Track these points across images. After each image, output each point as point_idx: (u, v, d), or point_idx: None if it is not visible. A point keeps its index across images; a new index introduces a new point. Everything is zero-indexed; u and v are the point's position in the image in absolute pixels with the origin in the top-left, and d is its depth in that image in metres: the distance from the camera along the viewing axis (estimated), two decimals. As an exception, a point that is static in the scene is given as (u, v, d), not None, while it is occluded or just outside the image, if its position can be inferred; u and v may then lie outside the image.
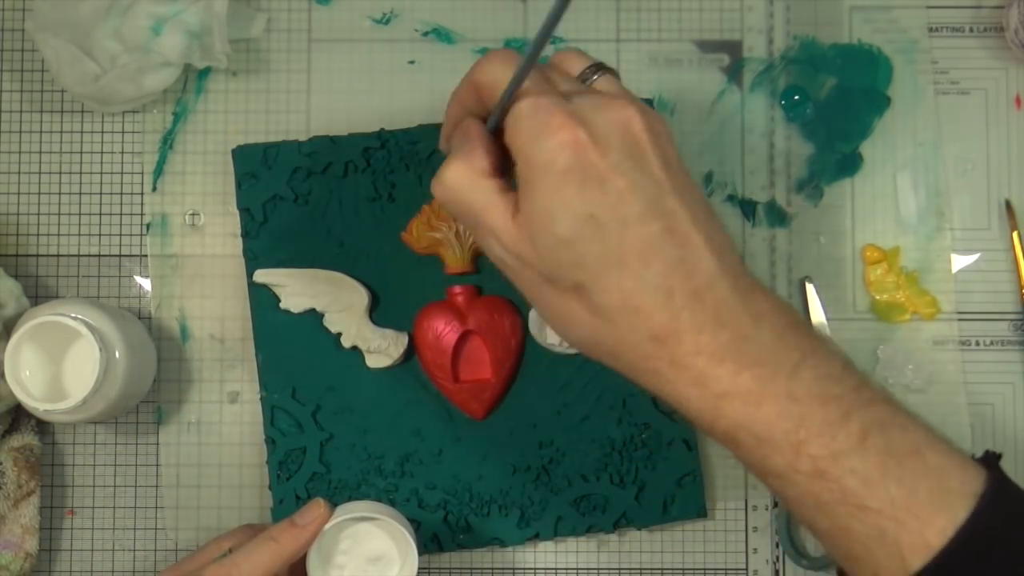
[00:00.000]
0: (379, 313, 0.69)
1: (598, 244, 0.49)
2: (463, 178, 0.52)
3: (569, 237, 0.50)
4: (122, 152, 0.72)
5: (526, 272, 0.52)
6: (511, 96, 0.51)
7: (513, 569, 0.70)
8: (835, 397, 0.49)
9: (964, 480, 0.49)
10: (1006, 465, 0.71)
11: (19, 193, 0.71)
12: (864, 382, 0.51)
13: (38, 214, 0.71)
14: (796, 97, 0.71)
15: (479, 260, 0.69)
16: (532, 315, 0.69)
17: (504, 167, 0.53)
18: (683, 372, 0.50)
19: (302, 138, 0.70)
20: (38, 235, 0.71)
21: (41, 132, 0.72)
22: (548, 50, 0.70)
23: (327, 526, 0.61)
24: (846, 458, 0.49)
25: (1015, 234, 0.71)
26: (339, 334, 0.69)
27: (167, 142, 0.71)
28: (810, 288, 0.71)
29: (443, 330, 0.68)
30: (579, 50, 0.55)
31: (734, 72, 0.72)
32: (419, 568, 0.62)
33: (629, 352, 0.51)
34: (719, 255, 0.50)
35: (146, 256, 0.71)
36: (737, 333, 0.49)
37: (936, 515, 0.48)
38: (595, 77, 0.54)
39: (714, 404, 0.50)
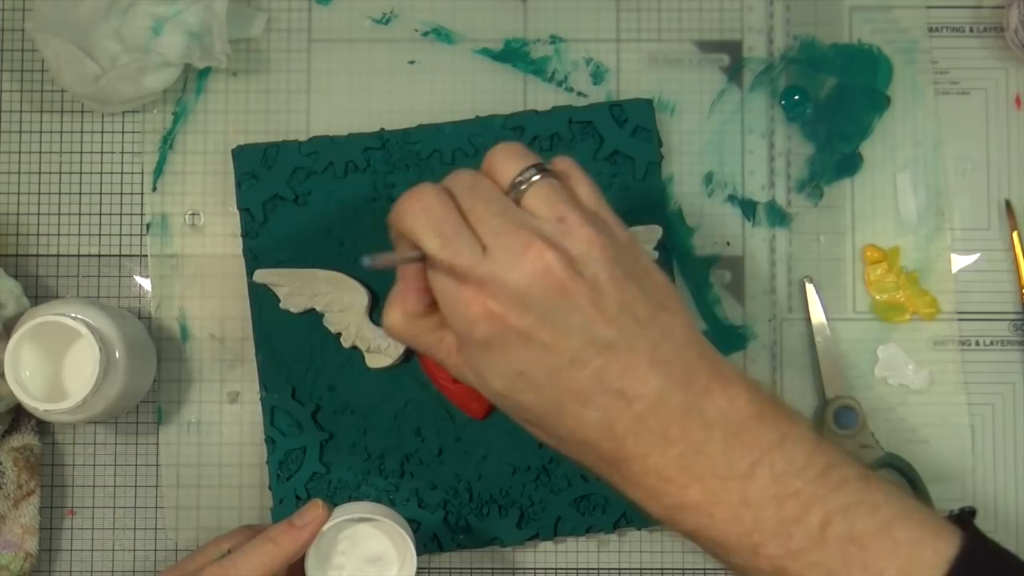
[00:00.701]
0: (379, 313, 0.69)
1: (532, 395, 0.51)
2: (401, 322, 0.54)
3: (504, 392, 0.51)
4: (122, 152, 0.72)
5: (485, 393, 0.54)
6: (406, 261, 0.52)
7: (513, 569, 0.70)
8: (793, 494, 0.49)
9: (937, 549, 0.49)
10: (1006, 464, 0.71)
11: (19, 193, 0.71)
12: (834, 463, 0.50)
13: (38, 214, 0.71)
14: (796, 97, 0.71)
15: (479, 260, 0.69)
16: (532, 315, 0.68)
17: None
18: (636, 488, 0.51)
19: (302, 138, 0.70)
20: (38, 235, 0.71)
21: (41, 132, 0.72)
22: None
23: (326, 527, 0.61)
24: (806, 554, 0.49)
25: (1015, 234, 0.71)
26: (339, 334, 0.69)
27: (167, 142, 0.72)
28: (810, 288, 0.71)
29: (443, 330, 0.68)
30: (518, 146, 0.53)
31: (734, 72, 0.72)
32: (419, 568, 0.62)
33: (589, 467, 0.53)
34: (666, 370, 0.50)
35: (146, 256, 0.71)
36: (687, 447, 0.50)
37: None
38: (532, 181, 0.51)
39: (668, 515, 0.51)
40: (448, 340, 0.53)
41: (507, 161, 0.52)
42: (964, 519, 0.51)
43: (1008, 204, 0.71)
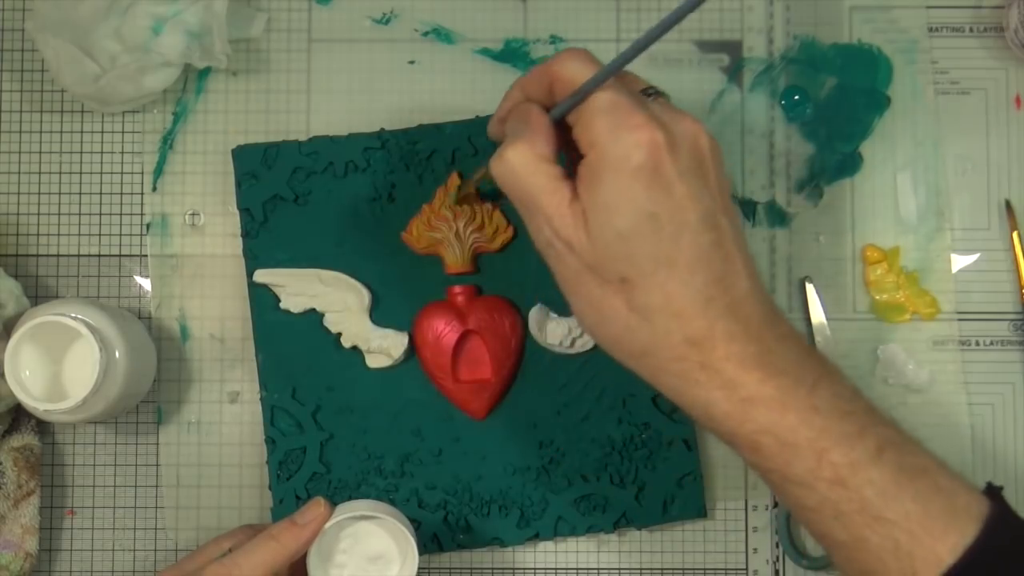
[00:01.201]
0: (379, 313, 0.69)
1: (653, 244, 0.51)
2: (526, 159, 0.53)
3: (627, 232, 0.51)
4: (122, 152, 0.72)
5: (571, 261, 0.53)
6: (587, 92, 0.52)
7: (513, 569, 0.70)
8: (850, 413, 0.52)
9: (971, 502, 0.51)
10: (1006, 464, 0.71)
11: (19, 193, 0.71)
12: (873, 406, 0.53)
13: (38, 214, 0.71)
14: (796, 97, 0.71)
15: (479, 260, 0.69)
16: (532, 315, 0.69)
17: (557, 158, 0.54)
18: (713, 375, 0.52)
19: (302, 138, 0.70)
20: (38, 235, 0.71)
21: (41, 132, 0.72)
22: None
23: (327, 525, 0.61)
24: (864, 469, 0.51)
25: (1015, 234, 0.71)
26: (339, 334, 0.69)
27: (167, 142, 0.72)
28: (810, 288, 0.71)
29: (443, 330, 0.68)
30: (634, 75, 0.56)
31: (734, 72, 0.72)
32: (419, 568, 0.62)
33: (660, 352, 0.52)
34: (752, 278, 0.53)
35: (146, 256, 0.71)
36: (764, 347, 0.52)
37: (947, 532, 0.50)
38: (653, 96, 0.55)
39: (741, 408, 0.52)
40: (564, 188, 0.53)
41: (632, 79, 0.56)
42: (992, 491, 0.53)
43: (1008, 204, 0.71)
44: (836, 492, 0.51)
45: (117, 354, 0.63)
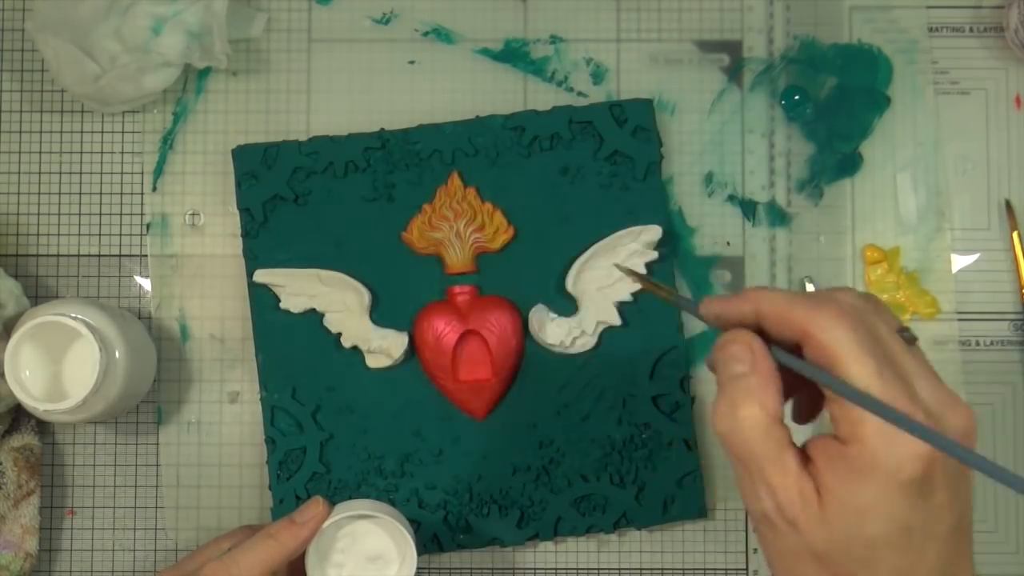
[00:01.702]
0: (379, 313, 0.69)
1: (899, 555, 0.46)
2: (760, 424, 0.47)
3: (877, 541, 0.46)
4: (122, 152, 0.72)
5: (792, 540, 0.47)
6: (858, 399, 0.46)
7: (513, 569, 0.70)
8: None
9: None
10: (1006, 464, 0.71)
11: (19, 193, 0.71)
12: None
13: (38, 214, 0.71)
14: (796, 97, 0.71)
15: (479, 260, 0.69)
16: (532, 315, 0.68)
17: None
18: None
19: (302, 138, 0.70)
20: (38, 235, 0.71)
21: (41, 132, 0.72)
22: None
23: (326, 524, 0.61)
24: None
25: (1015, 234, 0.71)
26: (339, 334, 0.69)
27: (167, 142, 0.72)
28: (810, 288, 0.71)
29: (443, 330, 0.68)
30: (887, 310, 0.50)
31: (734, 72, 0.72)
32: (419, 568, 0.62)
33: None
34: (970, 564, 0.49)
35: (146, 256, 0.71)
36: None
37: None
38: (908, 340, 0.48)
39: None
40: (792, 460, 0.47)
41: (888, 315, 0.49)
42: None
43: (1008, 204, 0.71)
44: None
45: (117, 354, 0.63)
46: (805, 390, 0.50)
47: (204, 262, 0.71)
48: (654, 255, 0.69)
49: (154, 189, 0.71)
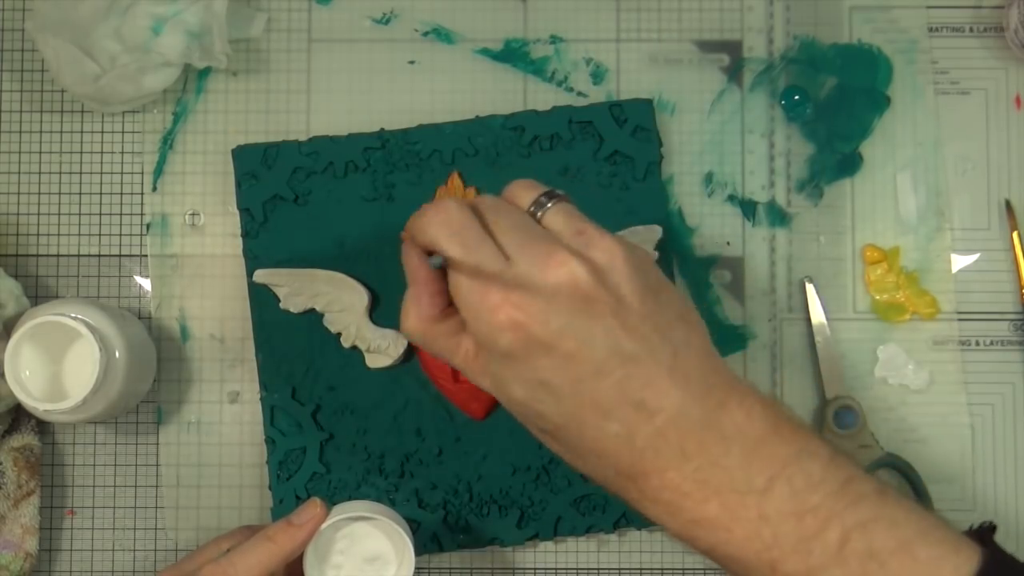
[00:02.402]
0: (379, 313, 0.69)
1: (553, 405, 0.51)
2: (418, 327, 0.54)
3: (524, 401, 0.51)
4: (122, 152, 0.72)
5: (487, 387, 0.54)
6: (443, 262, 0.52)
7: (513, 569, 0.70)
8: (812, 509, 0.49)
9: (958, 565, 0.48)
10: (1006, 464, 0.71)
11: (19, 193, 0.72)
12: (852, 477, 0.50)
13: (38, 214, 0.71)
14: (796, 97, 0.71)
15: (479, 260, 0.69)
16: (532, 315, 0.68)
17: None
18: (654, 504, 0.51)
19: (302, 138, 0.70)
20: (38, 235, 0.71)
21: (41, 132, 0.72)
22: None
23: (324, 525, 0.61)
24: (824, 571, 0.49)
25: (1015, 234, 0.71)
26: (339, 334, 0.69)
27: (167, 142, 0.72)
28: (810, 288, 0.71)
29: (443, 330, 0.68)
30: (530, 181, 0.54)
31: (734, 72, 0.72)
32: (419, 568, 0.62)
33: (603, 482, 0.53)
34: (685, 382, 0.50)
35: (146, 256, 0.71)
36: (704, 461, 0.50)
37: None
38: (548, 206, 0.52)
39: (686, 531, 0.51)
40: (466, 345, 0.53)
41: (523, 190, 0.53)
42: (984, 535, 0.51)
43: (1008, 204, 0.71)
44: None
45: (117, 354, 0.63)
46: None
47: (204, 262, 0.71)
48: (654, 255, 0.69)
49: (154, 189, 0.71)
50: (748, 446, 0.50)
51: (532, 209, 0.53)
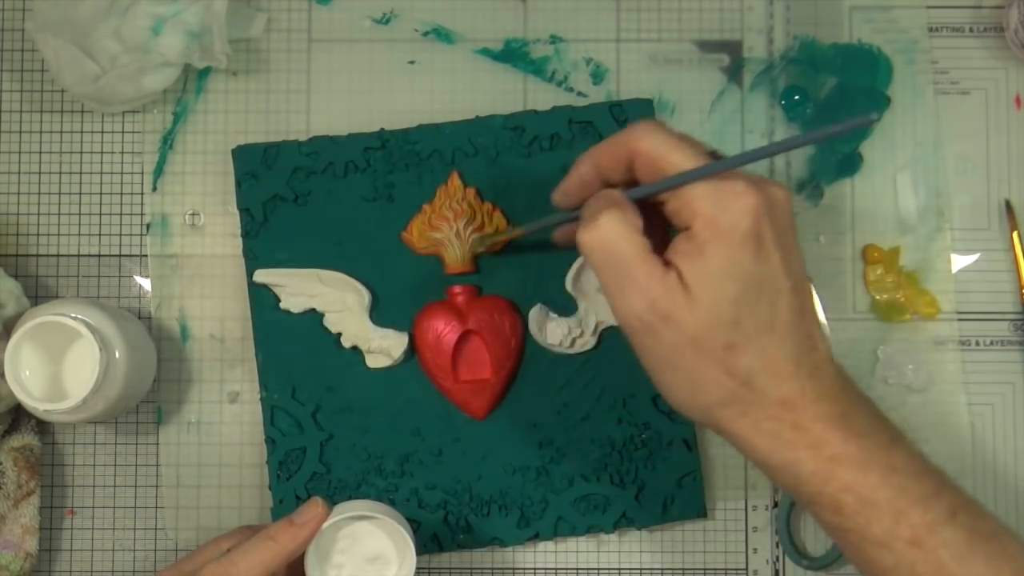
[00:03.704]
0: (379, 313, 0.69)
1: (759, 309, 0.52)
2: (621, 230, 0.52)
3: (739, 297, 0.52)
4: (122, 152, 0.72)
5: (668, 334, 0.52)
6: (690, 178, 0.52)
7: (513, 569, 0.70)
8: (925, 473, 0.54)
9: None
10: (1006, 464, 0.71)
11: (19, 193, 0.72)
12: (942, 470, 0.55)
13: (38, 214, 0.71)
14: (796, 97, 0.71)
15: (479, 260, 0.69)
16: (532, 315, 0.68)
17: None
18: (802, 434, 0.53)
19: (302, 138, 0.70)
20: (38, 235, 0.71)
21: (41, 132, 0.72)
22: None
23: (325, 525, 0.61)
24: (940, 530, 0.52)
25: (1015, 234, 0.71)
26: (339, 334, 0.69)
27: (167, 142, 0.72)
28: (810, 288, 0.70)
29: (443, 330, 0.68)
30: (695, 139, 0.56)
31: (734, 72, 0.72)
32: (419, 568, 0.62)
33: (756, 412, 0.53)
34: (826, 341, 0.55)
35: (146, 256, 0.71)
36: (844, 408, 0.53)
37: None
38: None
39: (827, 467, 0.53)
40: (656, 262, 0.52)
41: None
42: None
43: (1008, 204, 0.71)
44: (913, 553, 0.52)
45: (117, 354, 0.63)
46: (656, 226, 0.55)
47: (204, 262, 0.71)
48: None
49: (154, 189, 0.71)
50: (871, 410, 0.55)
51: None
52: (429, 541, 0.68)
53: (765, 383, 0.53)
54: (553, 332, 0.68)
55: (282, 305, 0.69)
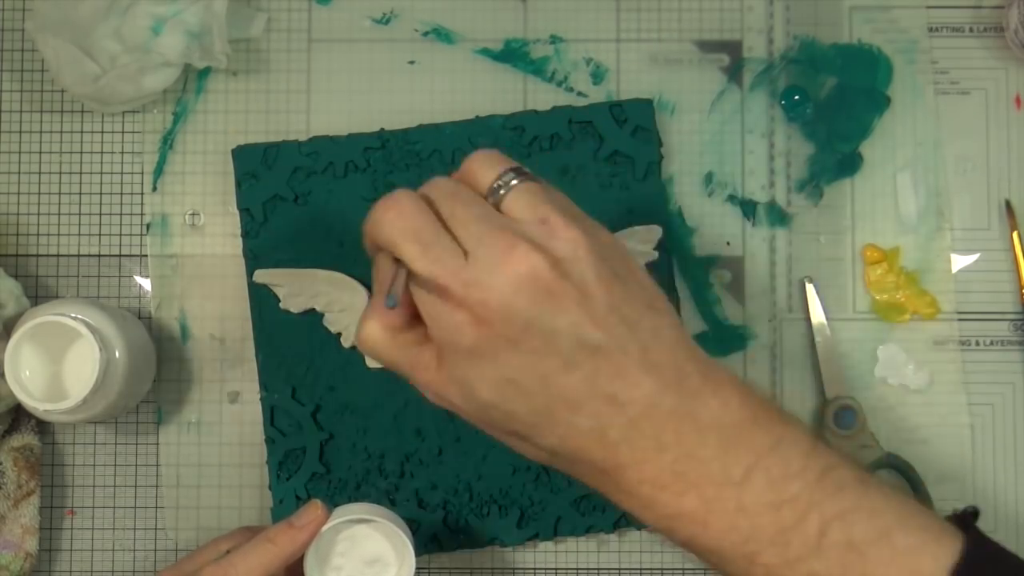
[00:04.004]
0: (379, 313, 0.69)
1: (523, 403, 0.49)
2: (381, 337, 0.51)
3: (492, 401, 0.49)
4: (122, 152, 0.72)
5: (466, 415, 0.52)
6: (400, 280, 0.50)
7: (513, 569, 0.70)
8: (790, 499, 0.48)
9: (937, 556, 0.48)
10: (1006, 464, 0.71)
11: (19, 193, 0.71)
12: (832, 466, 0.49)
13: (38, 214, 0.71)
14: (796, 97, 0.71)
15: (479, 260, 0.69)
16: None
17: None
18: (631, 498, 0.50)
19: (302, 138, 0.70)
20: (38, 235, 0.71)
21: (41, 132, 0.72)
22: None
23: (324, 528, 0.60)
24: (803, 563, 0.48)
25: (1015, 234, 0.71)
26: (339, 334, 0.69)
27: (167, 142, 0.72)
28: (810, 288, 0.71)
29: (443, 330, 0.68)
30: (495, 152, 0.52)
31: (734, 72, 0.72)
32: (419, 568, 0.61)
33: (581, 478, 0.52)
34: (656, 372, 0.49)
35: (146, 256, 0.71)
36: (681, 452, 0.49)
37: None
38: (512, 185, 0.50)
39: (665, 524, 0.50)
40: (427, 355, 0.51)
41: (485, 167, 0.51)
42: (966, 520, 0.50)
43: (1008, 204, 0.71)
44: None
45: (117, 354, 0.63)
46: None
47: (204, 262, 0.71)
48: (654, 255, 0.69)
49: (154, 189, 0.71)
50: (725, 436, 0.49)
51: (493, 188, 0.50)
52: (429, 541, 0.68)
53: (571, 456, 0.50)
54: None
55: (282, 305, 0.69)
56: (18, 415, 0.68)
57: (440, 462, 0.69)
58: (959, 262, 0.71)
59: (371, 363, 0.69)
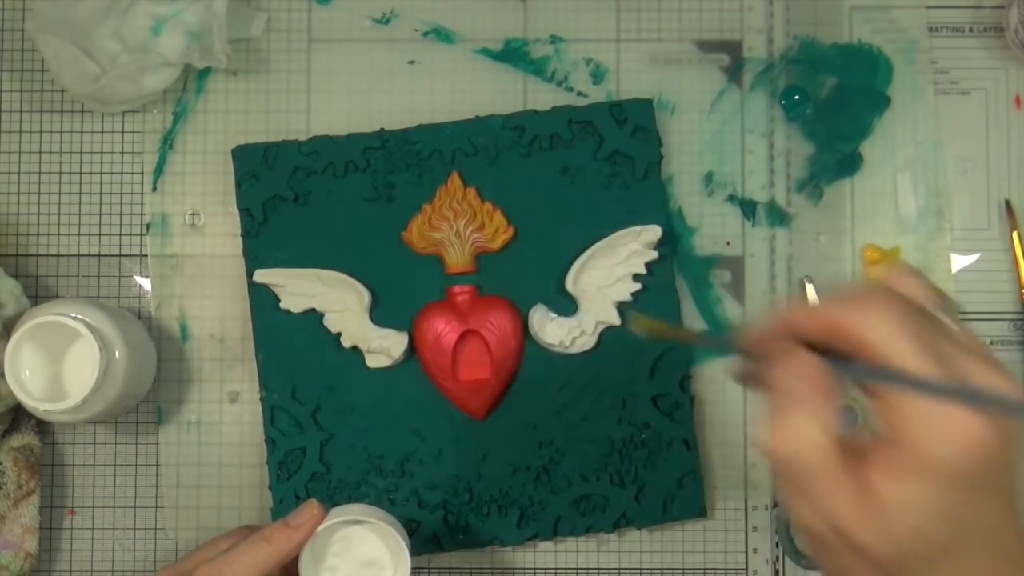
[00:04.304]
0: (379, 313, 0.69)
1: (963, 543, 0.43)
2: (814, 437, 0.43)
3: (945, 543, 0.43)
4: (122, 152, 0.72)
5: (845, 551, 0.44)
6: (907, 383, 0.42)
7: (513, 569, 0.70)
8: None
9: None
10: (1006, 465, 0.70)
11: (19, 193, 0.72)
12: None
13: (38, 214, 0.71)
14: (796, 97, 0.71)
15: (479, 260, 0.69)
16: (532, 315, 0.68)
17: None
18: None
19: (302, 138, 0.70)
20: (38, 235, 0.71)
21: (41, 132, 0.72)
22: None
23: (320, 528, 0.60)
24: None
25: (1015, 234, 0.71)
26: (339, 334, 0.69)
27: (167, 142, 0.72)
28: (810, 288, 0.71)
29: (443, 330, 0.68)
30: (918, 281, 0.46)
31: (734, 72, 0.72)
32: (419, 568, 0.62)
33: None
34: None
35: (146, 256, 0.71)
36: None
37: None
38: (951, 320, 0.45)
39: None
40: (848, 476, 0.43)
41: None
42: None
43: (1008, 204, 0.71)
44: None
45: (117, 354, 0.63)
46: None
47: (204, 262, 0.71)
48: (654, 255, 0.69)
49: (154, 189, 0.71)
50: None
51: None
52: (429, 541, 0.68)
53: None
54: (553, 332, 0.68)
55: (282, 305, 0.69)
56: (18, 415, 0.68)
57: (440, 462, 0.69)
58: (959, 262, 0.71)
59: (371, 363, 0.69)
